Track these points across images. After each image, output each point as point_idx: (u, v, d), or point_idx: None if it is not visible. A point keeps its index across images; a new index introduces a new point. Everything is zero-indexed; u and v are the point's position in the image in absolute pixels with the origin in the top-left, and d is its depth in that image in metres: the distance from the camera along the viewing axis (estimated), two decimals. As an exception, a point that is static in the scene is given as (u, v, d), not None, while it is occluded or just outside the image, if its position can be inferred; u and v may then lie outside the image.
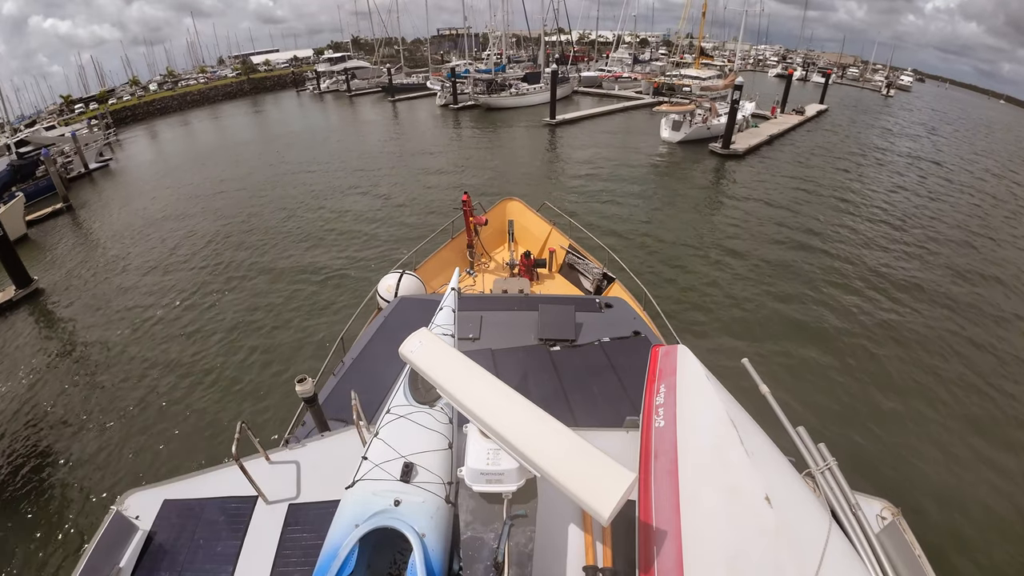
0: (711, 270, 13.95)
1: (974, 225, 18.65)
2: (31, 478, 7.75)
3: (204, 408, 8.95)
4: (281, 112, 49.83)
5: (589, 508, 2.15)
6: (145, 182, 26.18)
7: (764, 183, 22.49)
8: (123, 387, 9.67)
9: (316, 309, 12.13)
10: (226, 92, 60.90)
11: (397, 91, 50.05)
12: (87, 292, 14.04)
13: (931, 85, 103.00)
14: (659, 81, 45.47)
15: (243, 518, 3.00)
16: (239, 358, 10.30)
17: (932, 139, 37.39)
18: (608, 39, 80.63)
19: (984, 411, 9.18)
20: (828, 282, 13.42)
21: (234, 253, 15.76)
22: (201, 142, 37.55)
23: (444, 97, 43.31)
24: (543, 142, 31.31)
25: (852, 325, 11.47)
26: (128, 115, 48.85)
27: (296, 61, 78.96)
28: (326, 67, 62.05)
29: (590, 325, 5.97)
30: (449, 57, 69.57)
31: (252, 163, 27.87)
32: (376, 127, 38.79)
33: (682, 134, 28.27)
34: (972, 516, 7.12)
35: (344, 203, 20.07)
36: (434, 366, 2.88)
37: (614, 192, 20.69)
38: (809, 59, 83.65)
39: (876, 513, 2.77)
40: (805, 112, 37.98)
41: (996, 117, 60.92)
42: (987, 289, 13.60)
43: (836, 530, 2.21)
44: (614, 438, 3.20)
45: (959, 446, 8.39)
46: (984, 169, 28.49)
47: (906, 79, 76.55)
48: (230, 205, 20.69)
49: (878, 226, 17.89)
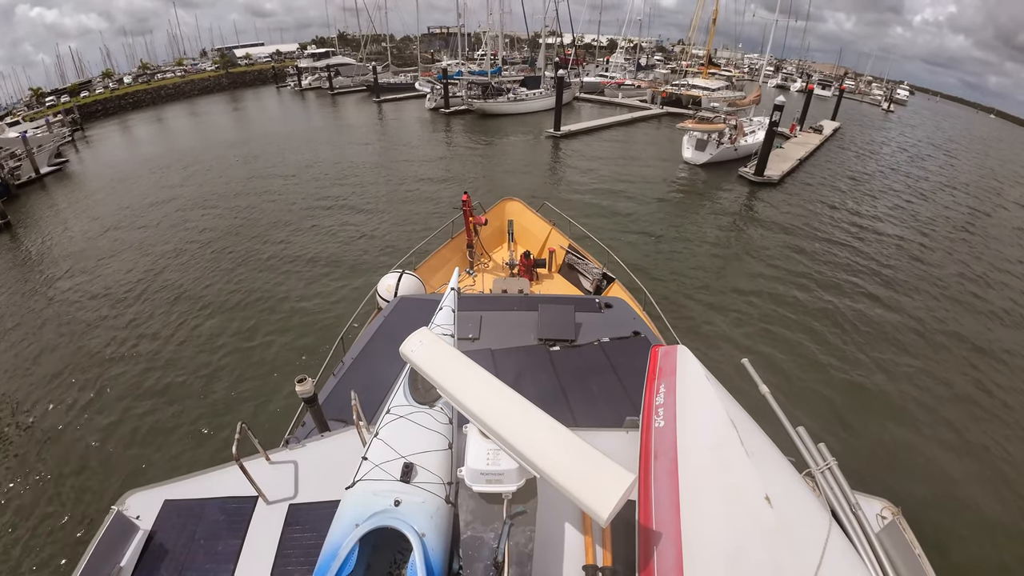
0: (765, 343, 11.12)
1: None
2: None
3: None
4: (256, 110, 46.92)
5: (588, 509, 2.15)
6: (99, 190, 23.11)
7: (809, 218, 19.52)
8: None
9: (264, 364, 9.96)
10: (203, 87, 58.10)
11: (383, 91, 47.22)
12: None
13: (921, 98, 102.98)
14: (667, 91, 42.80)
15: (243, 518, 3.01)
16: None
17: (951, 160, 35.90)
18: (603, 43, 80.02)
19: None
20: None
21: (177, 282, 13.53)
22: (166, 143, 33.84)
23: (434, 100, 40.43)
24: (547, 157, 28.04)
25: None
26: (99, 109, 46.09)
27: (279, 55, 75.35)
28: (308, 63, 59.14)
29: (590, 325, 5.96)
30: (440, 56, 67.15)
31: (205, 175, 24.37)
32: (358, 132, 34.88)
33: (707, 155, 25.02)
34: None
35: (315, 226, 17.20)
36: (434, 366, 2.88)
37: (632, 223, 17.79)
38: (803, 70, 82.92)
39: (876, 513, 2.77)
40: (823, 130, 35.74)
41: (994, 134, 60.58)
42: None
43: (836, 530, 2.21)
44: (614, 438, 3.20)
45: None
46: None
47: (902, 93, 76.37)
48: (180, 226, 17.76)
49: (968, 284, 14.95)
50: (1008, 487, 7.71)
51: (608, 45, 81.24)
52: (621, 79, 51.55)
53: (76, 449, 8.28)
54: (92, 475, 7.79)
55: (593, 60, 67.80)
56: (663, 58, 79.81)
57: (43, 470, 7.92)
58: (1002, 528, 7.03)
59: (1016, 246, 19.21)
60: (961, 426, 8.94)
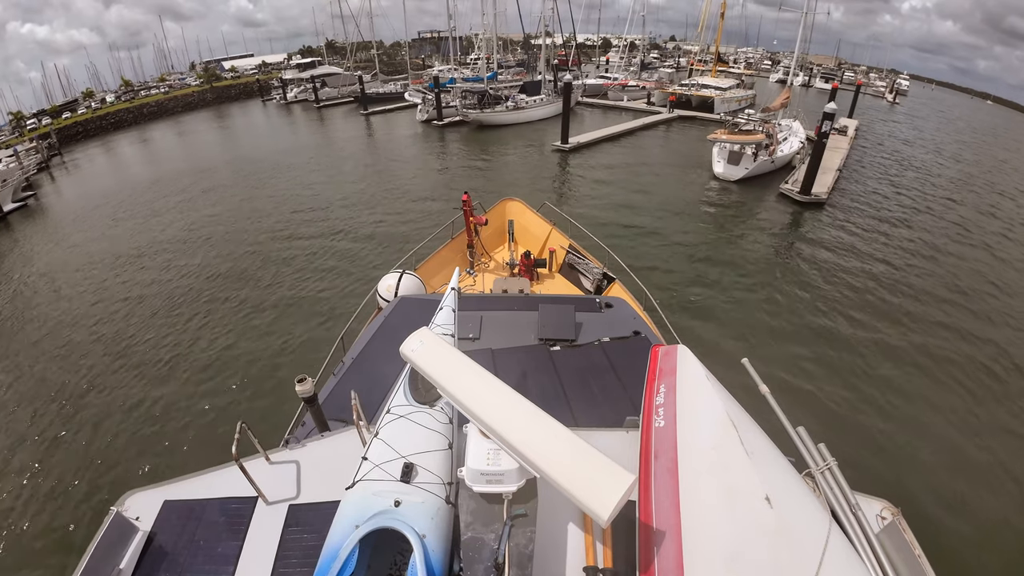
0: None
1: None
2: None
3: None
4: (236, 129, 43.48)
5: (588, 509, 2.15)
6: (65, 231, 20.07)
7: (885, 251, 16.00)
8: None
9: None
10: (187, 103, 55.72)
11: (371, 101, 43.77)
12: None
13: (916, 86, 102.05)
14: (676, 92, 39.91)
15: (243, 519, 3.00)
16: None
17: (998, 163, 32.50)
18: (596, 43, 78.72)
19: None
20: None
21: (130, 336, 11.71)
22: (143, 169, 30.09)
23: (426, 111, 36.80)
24: (555, 175, 24.36)
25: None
26: (79, 131, 43.51)
27: (265, 67, 72.67)
28: (294, 74, 56.34)
29: (590, 325, 5.96)
30: (431, 62, 65.22)
31: (171, 214, 20.63)
32: (339, 153, 29.94)
33: (743, 170, 21.86)
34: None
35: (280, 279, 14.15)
36: (434, 366, 2.89)
37: (671, 262, 14.64)
38: (800, 63, 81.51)
39: (876, 513, 2.77)
40: (847, 131, 32.32)
41: (997, 122, 59.62)
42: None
43: (836, 530, 2.21)
44: (614, 438, 3.20)
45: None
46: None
47: (903, 83, 75.70)
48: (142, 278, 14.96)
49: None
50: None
51: (602, 44, 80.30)
52: (624, 80, 48.04)
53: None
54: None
55: (589, 60, 65.47)
56: (659, 56, 78.74)
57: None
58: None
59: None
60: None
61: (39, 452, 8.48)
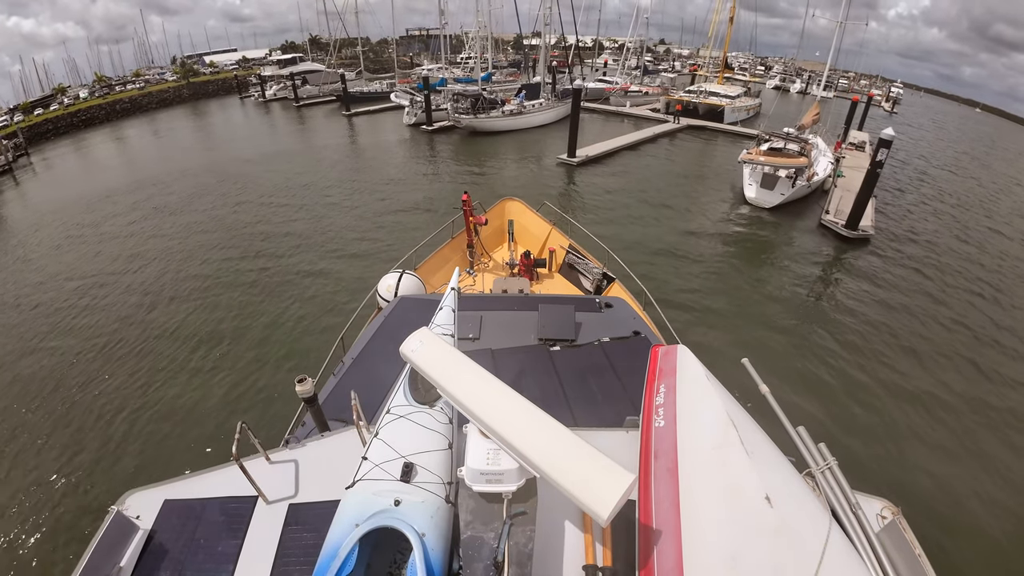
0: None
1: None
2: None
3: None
4: (210, 128, 40.64)
5: (588, 509, 2.16)
6: (13, 253, 17.00)
7: (956, 303, 13.32)
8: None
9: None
10: (162, 99, 52.87)
11: (355, 101, 40.90)
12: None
13: (907, 94, 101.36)
14: (681, 100, 37.54)
15: (243, 518, 3.01)
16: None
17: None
18: (588, 44, 77.48)
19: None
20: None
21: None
22: (104, 177, 25.92)
23: (414, 114, 33.67)
24: (561, 193, 21.09)
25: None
26: (49, 129, 40.90)
27: (245, 62, 68.86)
28: (273, 70, 53.19)
29: (590, 325, 5.97)
30: (419, 60, 62.57)
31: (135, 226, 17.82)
32: (318, 167, 25.17)
33: (779, 195, 19.45)
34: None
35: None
36: (434, 366, 2.89)
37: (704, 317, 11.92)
38: (791, 69, 79.54)
39: (876, 512, 2.77)
40: (865, 147, 29.75)
41: (989, 132, 58.95)
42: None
43: (836, 530, 2.21)
44: (614, 438, 3.21)
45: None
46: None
47: (896, 91, 74.87)
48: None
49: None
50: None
51: (593, 46, 79.53)
52: (626, 84, 45.36)
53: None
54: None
55: (582, 63, 61.84)
56: (652, 59, 77.75)
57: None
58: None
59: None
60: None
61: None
